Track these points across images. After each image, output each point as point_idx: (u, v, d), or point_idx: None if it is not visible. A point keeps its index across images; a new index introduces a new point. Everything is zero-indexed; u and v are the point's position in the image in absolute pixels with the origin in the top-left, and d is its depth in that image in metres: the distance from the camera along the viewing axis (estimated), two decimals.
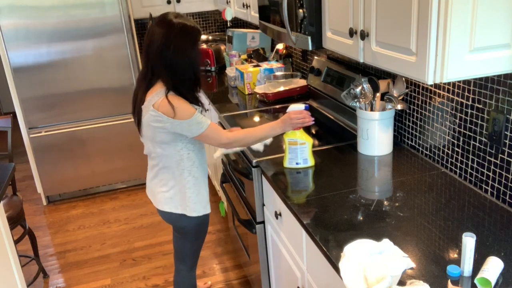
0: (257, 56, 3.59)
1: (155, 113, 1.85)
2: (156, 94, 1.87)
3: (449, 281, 1.25)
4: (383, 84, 2.07)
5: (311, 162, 2.04)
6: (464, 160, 1.79)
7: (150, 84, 1.92)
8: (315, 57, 2.91)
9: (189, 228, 2.16)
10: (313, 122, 1.98)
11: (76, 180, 4.00)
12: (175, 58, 1.85)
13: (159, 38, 1.83)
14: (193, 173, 2.06)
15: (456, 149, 1.83)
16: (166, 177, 2.06)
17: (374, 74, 2.28)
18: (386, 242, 1.37)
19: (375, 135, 2.05)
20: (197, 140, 2.00)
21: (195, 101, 1.97)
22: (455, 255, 1.37)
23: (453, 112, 1.81)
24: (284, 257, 2.06)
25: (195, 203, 2.09)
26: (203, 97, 2.17)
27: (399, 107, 2.03)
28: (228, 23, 4.60)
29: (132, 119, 3.90)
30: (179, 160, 2.01)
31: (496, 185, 1.64)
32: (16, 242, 2.67)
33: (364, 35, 1.64)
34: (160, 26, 1.85)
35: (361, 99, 2.09)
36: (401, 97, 2.03)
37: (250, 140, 2.00)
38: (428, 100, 1.96)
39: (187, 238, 2.23)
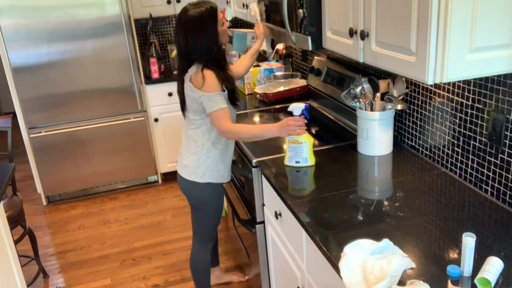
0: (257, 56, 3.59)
1: (188, 84, 2.10)
2: (192, 69, 2.11)
3: (449, 281, 1.25)
4: (383, 84, 2.07)
5: (311, 161, 2.04)
6: (464, 160, 1.79)
7: (187, 67, 2.14)
8: (315, 57, 2.91)
9: (198, 199, 2.29)
10: (306, 132, 2.02)
11: (76, 180, 4.00)
12: (193, 45, 2.06)
13: (177, 34, 2.09)
14: (217, 146, 2.21)
15: (456, 149, 1.83)
16: (192, 145, 2.22)
17: (374, 74, 2.28)
18: (386, 242, 1.37)
19: (375, 135, 2.05)
20: (228, 115, 2.09)
21: (224, 79, 2.10)
22: (455, 255, 1.37)
23: (453, 112, 1.81)
24: (284, 257, 2.06)
25: (212, 171, 2.23)
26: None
27: (399, 107, 2.03)
28: (228, 23, 4.59)
29: (131, 119, 3.93)
30: (207, 131, 2.17)
31: (496, 185, 1.64)
32: (16, 242, 2.67)
33: (364, 35, 1.64)
34: (176, 23, 2.11)
35: (361, 99, 2.09)
36: (401, 97, 2.03)
37: (244, 135, 2.06)
38: (428, 100, 1.96)
39: (195, 211, 2.36)
